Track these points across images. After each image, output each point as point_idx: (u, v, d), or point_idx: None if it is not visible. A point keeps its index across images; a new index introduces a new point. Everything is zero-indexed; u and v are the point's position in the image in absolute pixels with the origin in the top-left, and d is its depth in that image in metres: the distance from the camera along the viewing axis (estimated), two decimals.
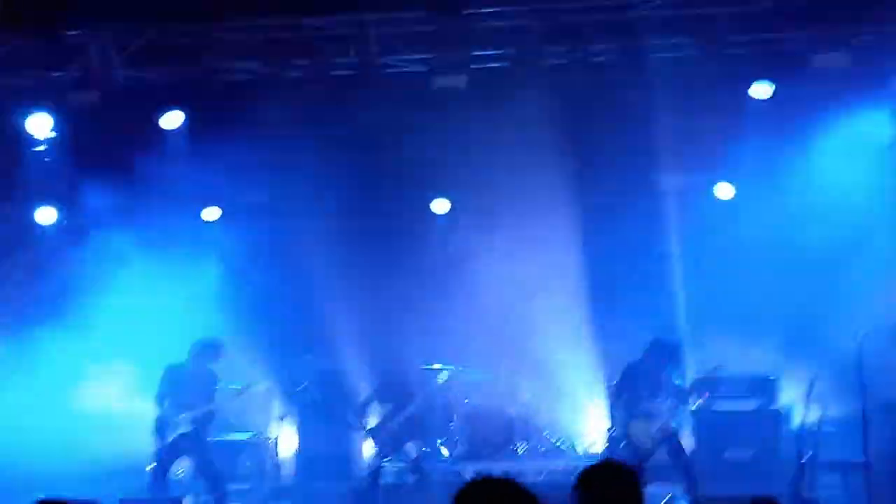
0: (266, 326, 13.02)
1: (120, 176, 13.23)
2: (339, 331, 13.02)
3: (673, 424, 10.36)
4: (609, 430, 11.92)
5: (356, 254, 13.23)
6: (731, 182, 13.14)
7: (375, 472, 11.28)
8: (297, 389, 12.76)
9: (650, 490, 8.95)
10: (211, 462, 11.12)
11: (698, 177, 13.09)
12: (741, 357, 11.33)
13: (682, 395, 10.54)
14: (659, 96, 12.31)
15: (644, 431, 10.22)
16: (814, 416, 10.28)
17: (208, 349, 10.98)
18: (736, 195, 13.14)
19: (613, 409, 11.57)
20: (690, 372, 11.72)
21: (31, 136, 13.37)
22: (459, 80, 13.04)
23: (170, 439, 10.77)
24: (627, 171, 13.05)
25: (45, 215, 13.90)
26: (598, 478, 3.98)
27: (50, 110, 13.30)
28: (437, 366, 12.90)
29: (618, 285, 12.80)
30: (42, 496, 6.62)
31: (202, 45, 12.89)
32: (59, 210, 13.94)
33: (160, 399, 10.88)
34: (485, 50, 13.06)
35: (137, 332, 12.44)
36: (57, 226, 13.97)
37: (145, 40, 12.83)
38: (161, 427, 10.80)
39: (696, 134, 12.29)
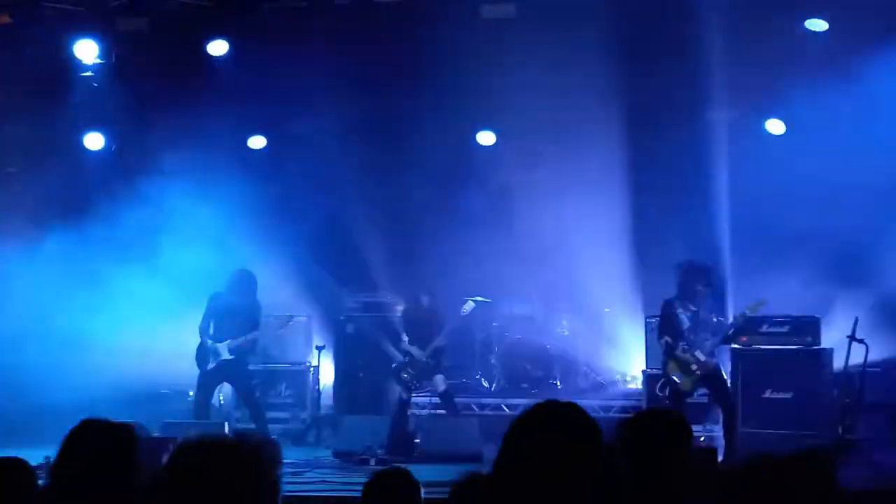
0: (308, 257, 13.08)
1: (167, 102, 13.28)
2: (379, 263, 13.06)
3: (714, 362, 10.22)
4: (648, 367, 11.86)
5: (400, 186, 13.20)
6: (782, 116, 12.83)
7: (403, 405, 11.38)
8: (337, 320, 12.84)
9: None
10: (252, 389, 11.29)
11: (749, 111, 12.79)
12: (785, 295, 11.15)
13: (723, 333, 10.38)
14: (712, 28, 12.01)
15: (683, 371, 10.09)
16: (858, 356, 10.13)
17: (251, 278, 11.05)
18: (787, 130, 12.84)
19: (653, 347, 11.46)
20: (733, 309, 11.58)
21: (80, 61, 13.44)
22: (508, 9, 12.85)
23: (212, 366, 10.91)
24: (677, 104, 12.81)
25: (93, 140, 14.03)
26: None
27: (97, 36, 13.36)
28: (477, 298, 12.88)
29: (663, 220, 12.63)
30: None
31: None
32: (107, 135, 14.04)
33: (204, 326, 11.00)
34: None
35: (182, 258, 12.54)
36: (105, 151, 14.08)
37: None
38: (204, 354, 10.94)
39: (749, 67, 11.99)
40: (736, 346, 11.14)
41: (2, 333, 12.22)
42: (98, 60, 13.50)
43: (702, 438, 10.36)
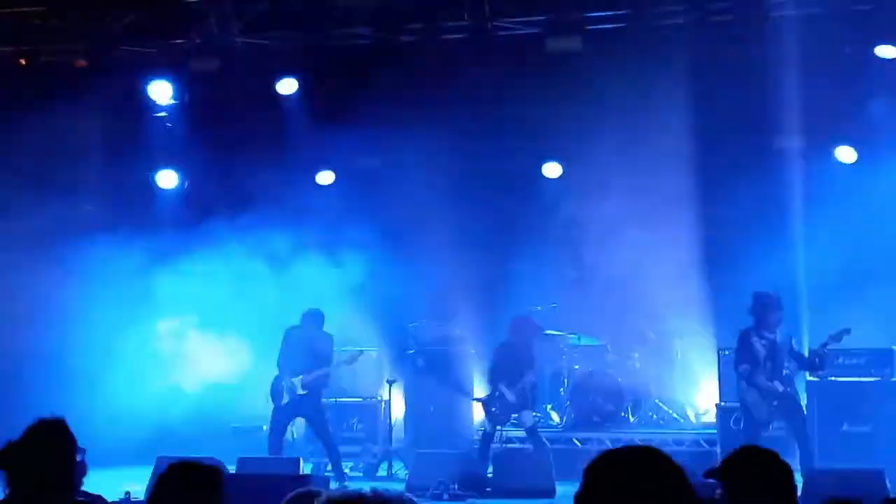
0: (378, 291, 13.16)
1: (238, 141, 13.54)
2: (449, 296, 13.11)
3: (793, 392, 10.06)
4: (722, 401, 11.70)
5: (468, 219, 13.25)
6: (853, 145, 12.67)
7: (488, 439, 11.37)
8: (407, 354, 12.90)
9: None
10: (326, 424, 11.36)
11: (820, 139, 12.66)
12: (862, 326, 10.95)
13: (801, 364, 10.23)
14: (781, 56, 11.92)
15: (761, 401, 9.95)
16: None
17: (321, 313, 11.19)
18: (858, 158, 12.68)
19: (727, 380, 11.31)
20: (809, 339, 11.40)
21: (154, 101, 13.76)
22: (574, 42, 12.86)
23: (287, 401, 11.01)
24: (746, 133, 12.73)
25: (166, 179, 14.32)
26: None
27: (171, 77, 13.66)
28: (548, 332, 12.85)
29: (735, 251, 12.51)
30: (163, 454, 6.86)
31: (317, 12, 13.02)
32: (179, 173, 14.32)
33: (282, 361, 11.11)
34: (600, 10, 12.85)
35: (253, 294, 12.73)
36: (177, 189, 14.37)
37: (263, 7, 13.03)
38: (278, 389, 11.05)
39: (818, 95, 11.87)
40: (811, 378, 10.97)
41: (78, 369, 12.48)
42: (171, 101, 13.81)
43: None
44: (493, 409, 11.40)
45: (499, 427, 11.47)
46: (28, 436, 4.15)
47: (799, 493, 8.89)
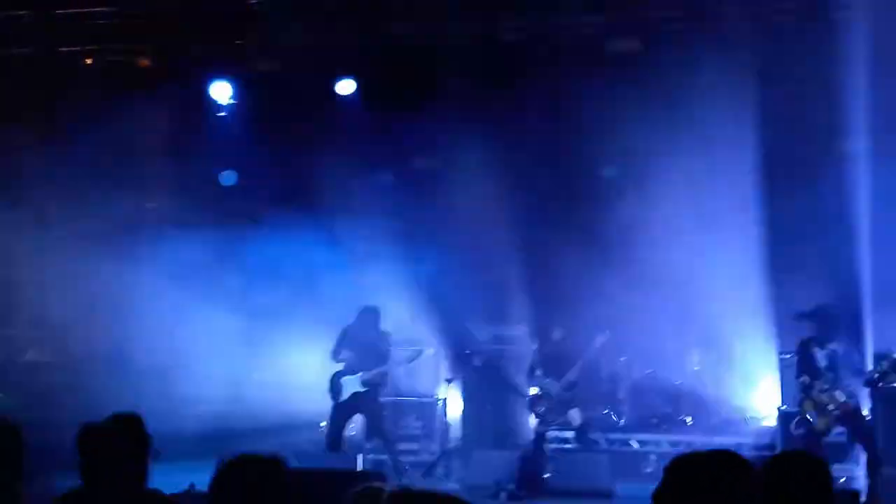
0: (436, 290, 13.21)
1: (296, 140, 13.65)
2: (507, 296, 13.11)
3: (854, 403, 9.93)
4: (783, 405, 11.58)
5: (525, 220, 13.24)
6: None
7: (539, 439, 11.32)
8: (465, 353, 12.93)
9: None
10: (384, 421, 11.42)
11: (887, 141, 12.43)
12: None
13: (866, 376, 10.07)
14: (846, 56, 11.75)
15: (819, 411, 9.83)
16: None
17: (379, 311, 11.25)
18: None
19: (788, 384, 11.17)
20: (873, 347, 11.22)
21: (215, 101, 13.94)
22: (633, 44, 12.80)
23: (345, 398, 11.08)
24: (811, 135, 12.55)
25: (228, 177, 14.50)
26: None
27: (232, 77, 13.82)
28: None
29: (798, 253, 12.35)
30: (223, 452, 6.93)
31: (376, 12, 13.08)
32: (240, 173, 14.49)
33: (337, 358, 11.19)
34: (660, 11, 12.76)
35: (314, 291, 12.84)
36: (238, 187, 14.54)
37: (323, 7, 13.13)
38: (337, 385, 11.12)
39: (885, 96, 11.68)
40: (876, 385, 10.76)
41: (144, 364, 12.70)
42: (231, 101, 13.98)
43: (842, 479, 10.05)
44: (541, 409, 11.33)
45: (549, 426, 11.41)
46: (104, 429, 4.24)
47: (863, 497, 8.82)
